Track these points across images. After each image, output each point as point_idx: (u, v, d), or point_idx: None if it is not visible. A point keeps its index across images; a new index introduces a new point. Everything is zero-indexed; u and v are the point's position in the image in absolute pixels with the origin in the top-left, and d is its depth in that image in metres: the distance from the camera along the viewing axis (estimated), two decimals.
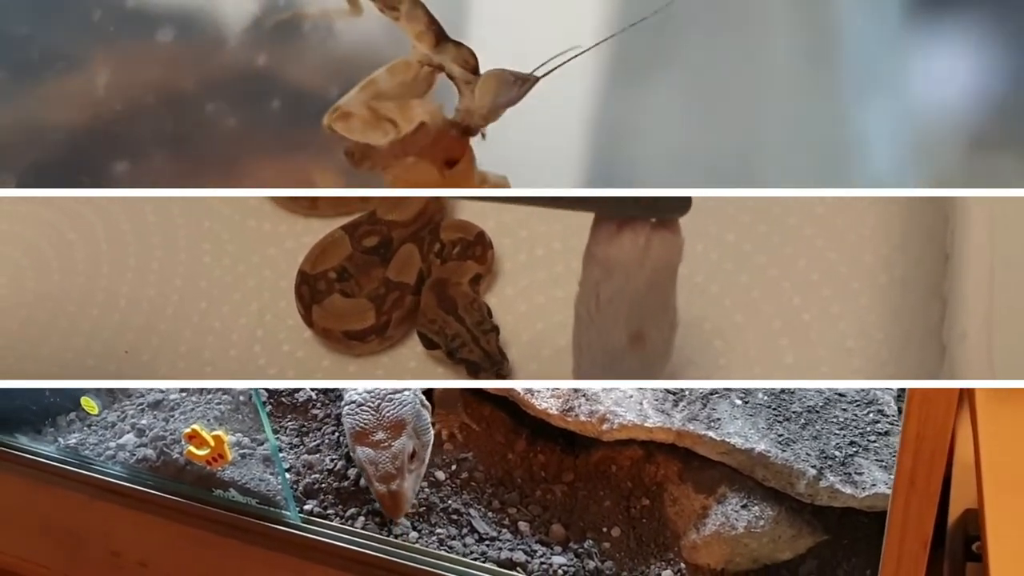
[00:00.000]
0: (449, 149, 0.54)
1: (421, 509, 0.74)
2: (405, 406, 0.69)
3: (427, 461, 0.71)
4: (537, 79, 0.52)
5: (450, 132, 0.53)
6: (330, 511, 0.74)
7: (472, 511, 0.75)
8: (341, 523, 0.73)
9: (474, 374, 0.62)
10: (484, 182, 0.57)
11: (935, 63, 0.66)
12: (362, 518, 0.73)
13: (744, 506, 0.72)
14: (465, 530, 0.73)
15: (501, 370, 0.61)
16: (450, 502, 0.75)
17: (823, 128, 0.67)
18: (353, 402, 0.70)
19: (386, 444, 0.67)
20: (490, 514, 0.75)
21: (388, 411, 0.69)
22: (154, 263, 0.70)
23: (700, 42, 0.67)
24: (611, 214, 0.51)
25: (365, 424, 0.69)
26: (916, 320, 0.63)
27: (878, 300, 0.64)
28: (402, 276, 0.66)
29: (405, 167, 0.54)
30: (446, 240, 0.68)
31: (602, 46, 0.55)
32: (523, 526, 0.74)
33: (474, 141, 0.55)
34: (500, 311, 0.65)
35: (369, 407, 0.69)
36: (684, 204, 0.51)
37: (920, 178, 0.66)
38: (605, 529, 0.74)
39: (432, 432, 0.72)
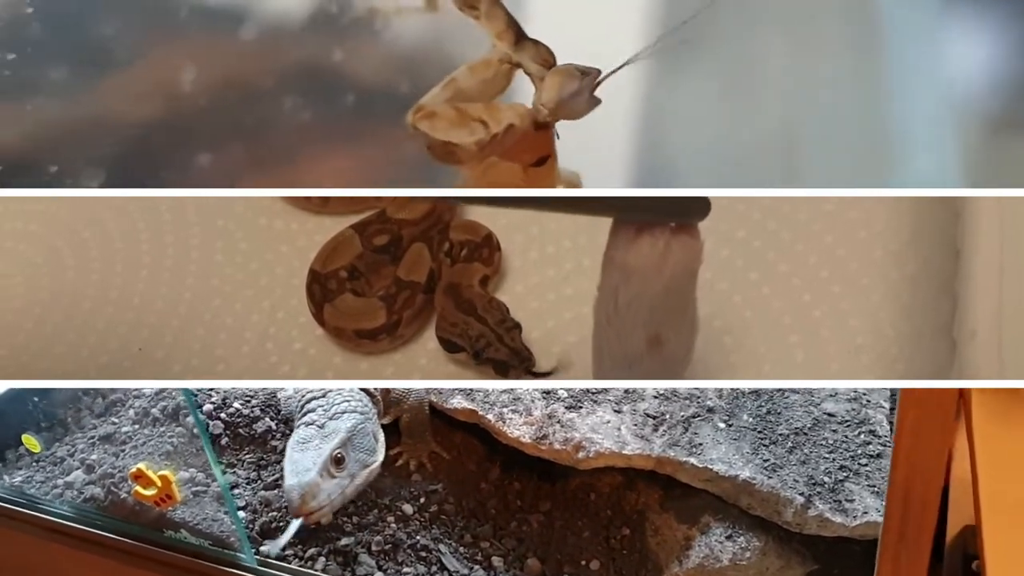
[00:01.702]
0: (537, 148, 0.55)
1: (387, 547, 0.70)
2: (348, 421, 0.67)
3: (359, 480, 0.66)
4: (599, 72, 0.53)
5: (533, 132, 0.54)
6: (288, 552, 0.69)
7: (442, 547, 0.71)
8: (300, 565, 0.68)
9: (502, 373, 0.62)
10: (558, 179, 0.59)
11: (974, 48, 0.66)
12: (323, 559, 0.68)
13: (729, 537, 0.68)
14: (435, 568, 0.69)
15: (530, 365, 0.61)
16: (418, 538, 0.71)
17: (865, 115, 0.67)
18: (303, 423, 0.68)
19: (315, 447, 0.64)
20: (461, 549, 0.71)
21: (330, 425, 0.66)
22: (167, 261, 0.70)
23: (743, 36, 0.67)
24: (630, 219, 0.51)
25: (306, 437, 0.66)
26: (927, 317, 0.63)
27: (889, 297, 0.64)
28: (412, 275, 0.66)
29: (489, 167, 0.55)
30: (454, 240, 0.68)
31: (646, 36, 0.57)
32: (497, 561, 0.70)
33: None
34: (510, 308, 0.65)
35: (316, 426, 0.67)
36: (704, 208, 0.51)
37: (963, 167, 0.65)
38: (584, 562, 0.71)
39: (377, 457, 0.68)
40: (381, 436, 0.69)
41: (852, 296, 0.64)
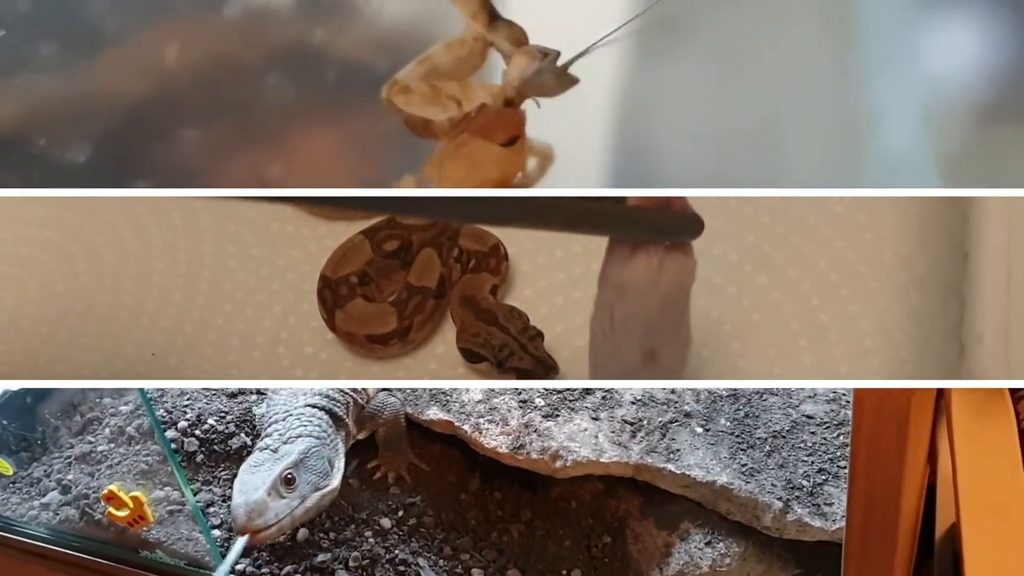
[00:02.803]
0: (508, 128, 0.56)
1: (365, 562, 0.69)
2: (302, 444, 0.66)
3: (309, 503, 0.64)
4: (558, 53, 0.54)
5: (504, 111, 0.55)
6: (264, 570, 0.69)
7: (421, 560, 0.70)
8: None
9: (525, 380, 0.63)
10: (530, 151, 0.60)
11: (950, 36, 0.66)
12: None
13: (708, 543, 0.68)
14: None
15: (554, 374, 0.62)
16: (397, 552, 0.70)
17: (840, 102, 0.67)
18: (258, 448, 0.67)
19: (266, 469, 0.64)
20: (441, 562, 0.70)
21: (283, 449, 0.66)
22: (180, 266, 0.71)
23: (721, 18, 0.67)
24: (626, 237, 0.52)
25: (259, 460, 0.65)
26: (935, 320, 0.63)
27: (897, 300, 0.64)
28: (423, 280, 0.67)
29: (462, 144, 0.56)
30: (463, 248, 0.68)
31: (626, 16, 0.58)
32: (477, 574, 0.70)
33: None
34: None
35: (270, 450, 0.66)
36: (698, 227, 0.52)
37: (935, 153, 0.65)
38: (565, 572, 0.70)
39: (331, 482, 0.66)
40: (339, 463, 0.68)
41: (861, 299, 0.64)
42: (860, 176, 0.64)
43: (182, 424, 0.77)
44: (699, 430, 0.72)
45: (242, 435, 0.77)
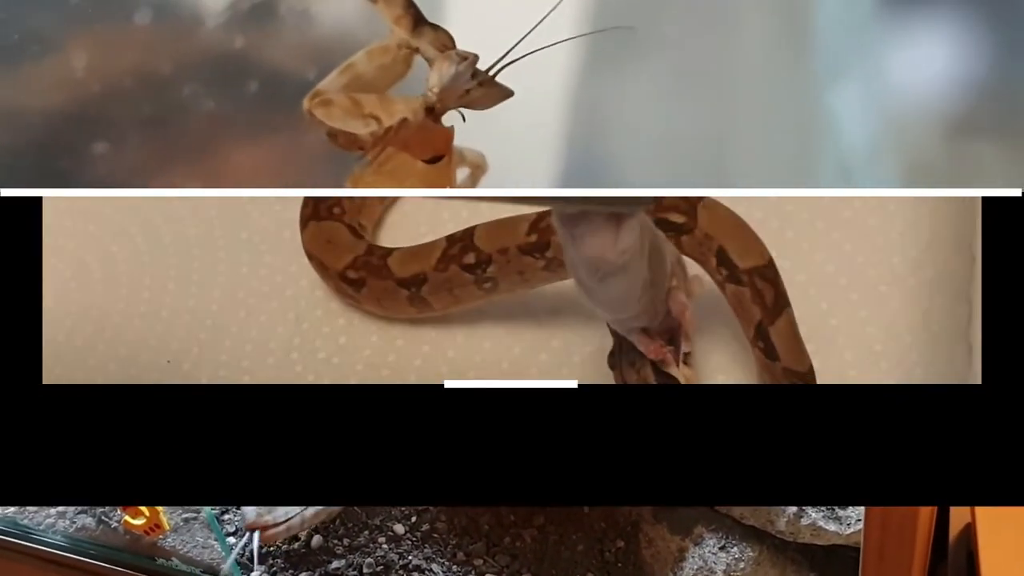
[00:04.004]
0: (433, 145, 0.54)
1: (379, 569, 0.69)
2: None
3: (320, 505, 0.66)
4: (477, 57, 0.52)
5: (430, 126, 0.53)
6: None
7: (435, 566, 0.70)
8: None
9: None
10: (462, 160, 0.58)
11: (910, 47, 0.65)
12: None
13: (722, 547, 0.68)
14: None
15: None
16: (410, 558, 0.70)
17: (796, 113, 0.66)
18: None
19: None
20: (454, 568, 0.71)
21: None
22: (194, 275, 0.72)
23: (675, 28, 0.66)
24: (571, 210, 0.47)
25: None
26: (944, 323, 0.63)
27: (907, 303, 0.64)
28: None
29: (387, 158, 0.54)
30: None
31: (571, 24, 0.57)
32: None
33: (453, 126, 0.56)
34: None
35: None
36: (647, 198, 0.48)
37: (895, 164, 0.65)
38: None
39: None
40: None
41: (870, 303, 0.64)
42: (817, 183, 0.64)
43: None
44: None
45: None
